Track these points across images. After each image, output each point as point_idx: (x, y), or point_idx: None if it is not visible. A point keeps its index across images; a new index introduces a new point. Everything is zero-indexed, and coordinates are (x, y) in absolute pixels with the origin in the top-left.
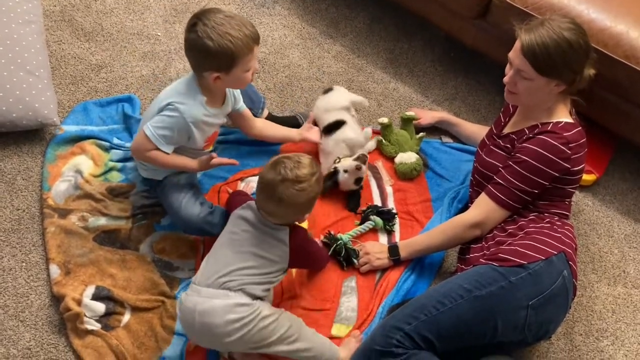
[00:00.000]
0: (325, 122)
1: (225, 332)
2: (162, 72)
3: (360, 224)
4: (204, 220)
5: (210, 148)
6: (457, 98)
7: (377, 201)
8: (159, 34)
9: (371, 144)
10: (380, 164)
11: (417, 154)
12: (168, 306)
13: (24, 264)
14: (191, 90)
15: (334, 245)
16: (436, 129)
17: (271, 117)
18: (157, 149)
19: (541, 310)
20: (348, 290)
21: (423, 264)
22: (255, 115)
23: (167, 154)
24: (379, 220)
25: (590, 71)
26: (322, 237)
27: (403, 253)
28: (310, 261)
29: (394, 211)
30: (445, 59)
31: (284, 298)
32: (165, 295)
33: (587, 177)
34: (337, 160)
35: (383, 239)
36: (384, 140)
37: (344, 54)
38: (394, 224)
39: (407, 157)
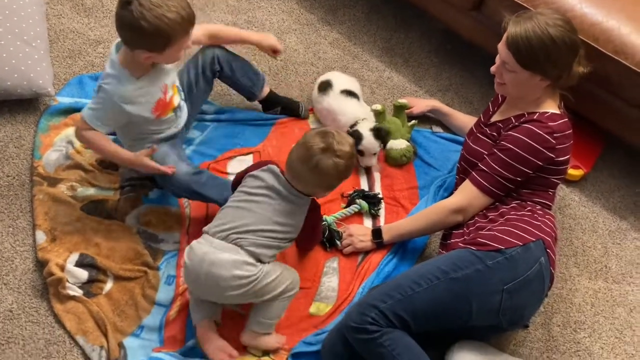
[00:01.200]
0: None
1: (230, 285)
2: None
3: (346, 207)
4: (192, 179)
5: (170, 114)
6: (451, 89)
7: (364, 186)
8: None
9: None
10: None
11: (408, 141)
12: (150, 277)
13: (10, 229)
14: (115, 67)
15: None
16: (428, 119)
17: (272, 95)
18: (92, 129)
19: (516, 295)
20: (330, 271)
21: (406, 248)
22: (254, 95)
23: (103, 136)
24: (364, 204)
25: (580, 69)
26: None
27: (386, 236)
28: (313, 239)
29: (380, 196)
30: (442, 50)
31: None
32: (148, 265)
33: (574, 172)
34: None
35: (368, 222)
36: None
37: (341, 41)
38: (380, 209)
39: (398, 144)
